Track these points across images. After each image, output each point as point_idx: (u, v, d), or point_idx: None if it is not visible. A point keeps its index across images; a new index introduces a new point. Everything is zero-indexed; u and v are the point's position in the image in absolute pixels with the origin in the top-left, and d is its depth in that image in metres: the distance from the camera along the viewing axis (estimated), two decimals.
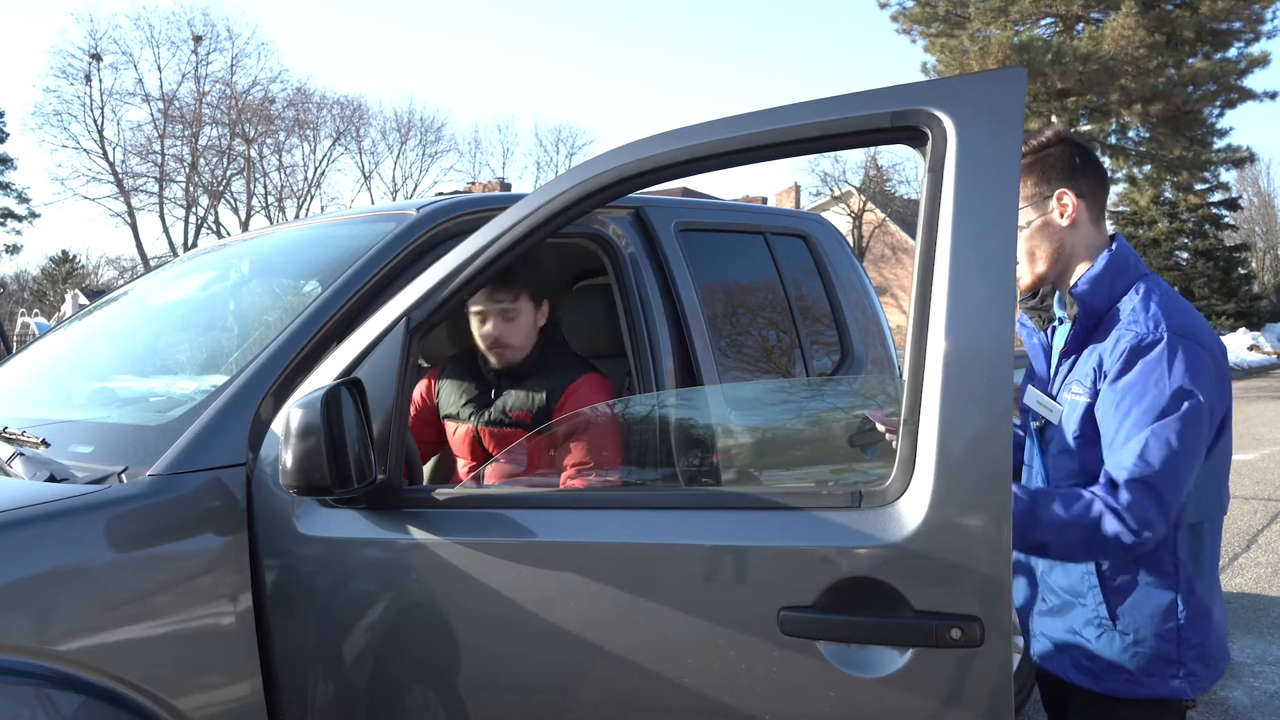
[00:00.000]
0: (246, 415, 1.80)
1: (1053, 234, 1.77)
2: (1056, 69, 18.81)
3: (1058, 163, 1.78)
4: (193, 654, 1.66)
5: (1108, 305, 1.72)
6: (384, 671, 1.67)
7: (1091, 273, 1.73)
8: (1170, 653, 1.67)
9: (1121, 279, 1.73)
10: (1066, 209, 1.76)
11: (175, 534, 1.68)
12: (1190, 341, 1.62)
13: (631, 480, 2.21)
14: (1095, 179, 1.80)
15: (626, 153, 1.61)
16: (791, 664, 1.35)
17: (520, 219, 1.64)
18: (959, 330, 1.30)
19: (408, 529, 1.62)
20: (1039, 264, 1.79)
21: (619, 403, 2.55)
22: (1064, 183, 1.77)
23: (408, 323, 1.67)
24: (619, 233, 2.56)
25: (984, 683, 1.27)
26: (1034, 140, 1.81)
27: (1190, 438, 1.57)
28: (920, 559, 1.29)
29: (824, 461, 2.26)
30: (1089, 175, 1.79)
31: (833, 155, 37.67)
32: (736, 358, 2.84)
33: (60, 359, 2.67)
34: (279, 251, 2.68)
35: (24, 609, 1.52)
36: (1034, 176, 1.78)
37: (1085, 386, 1.69)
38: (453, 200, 2.31)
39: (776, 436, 2.40)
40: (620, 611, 1.47)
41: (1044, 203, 1.78)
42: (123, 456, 1.78)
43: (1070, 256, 1.78)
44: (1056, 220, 1.77)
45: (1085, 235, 1.78)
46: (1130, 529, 1.54)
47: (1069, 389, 1.74)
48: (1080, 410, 1.69)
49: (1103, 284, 1.72)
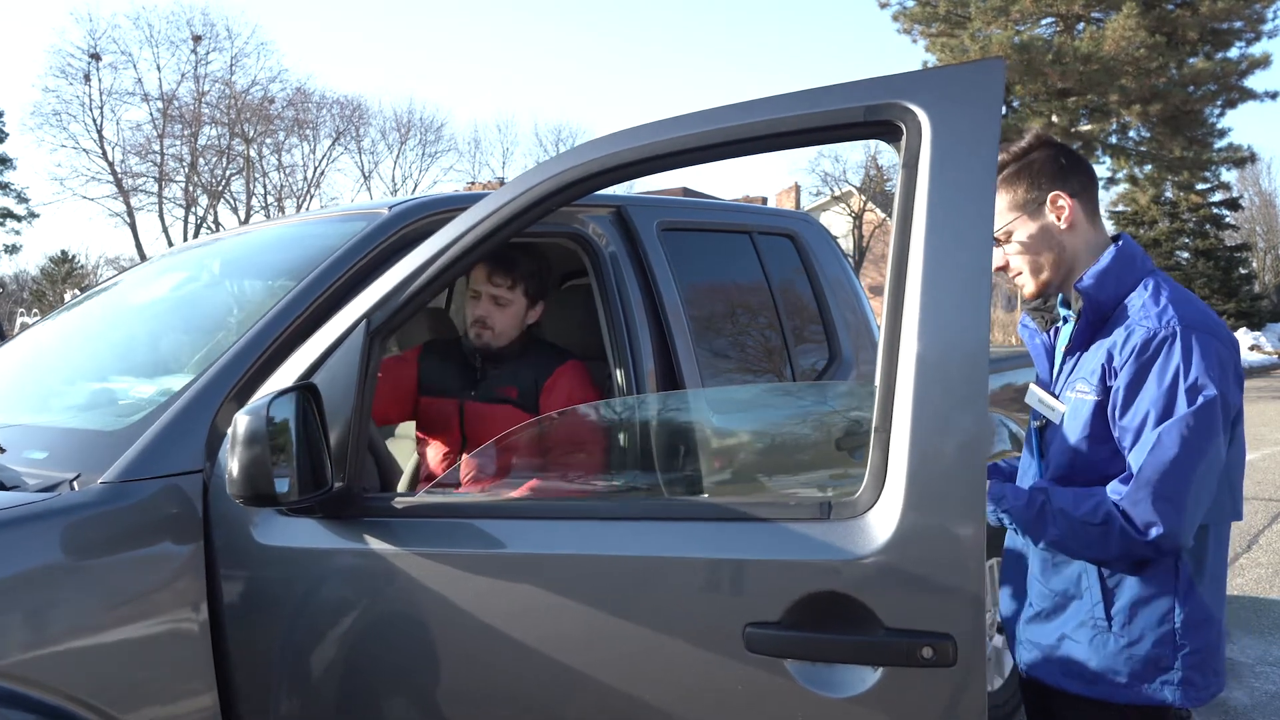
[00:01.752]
0: (204, 420, 1.74)
1: (1052, 239, 1.73)
2: (1057, 69, 18.77)
3: (1045, 166, 1.74)
4: (146, 668, 1.61)
5: (1114, 301, 1.67)
6: (345, 686, 1.62)
7: (1097, 267, 1.68)
8: (1165, 658, 1.62)
9: (1129, 274, 1.68)
10: (1063, 211, 1.72)
11: (128, 543, 1.62)
12: (1204, 334, 1.57)
13: (607, 486, 2.15)
14: (1084, 176, 1.76)
15: (597, 148, 1.56)
16: (757, 682, 1.29)
17: (483, 218, 1.59)
18: (933, 333, 1.24)
19: (365, 539, 1.56)
20: (1043, 272, 1.75)
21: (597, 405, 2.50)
22: (1055, 185, 1.72)
23: (368, 325, 1.62)
24: (599, 232, 2.51)
25: (957, 703, 1.22)
26: (1015, 147, 1.77)
27: (1206, 434, 1.52)
28: (891, 573, 1.23)
29: (810, 468, 2.20)
30: (1078, 174, 1.75)
31: (833, 155, 37.59)
32: (720, 360, 2.78)
33: (24, 362, 2.61)
34: (250, 251, 2.63)
35: None
36: (1024, 184, 1.74)
37: (1092, 384, 1.64)
38: (425, 199, 2.26)
39: (760, 441, 2.34)
40: (581, 626, 1.41)
41: (1038, 209, 1.73)
42: (77, 463, 1.73)
43: (1074, 259, 1.74)
44: (1054, 224, 1.73)
45: (1084, 235, 1.74)
46: (1138, 530, 1.51)
47: (1073, 387, 1.69)
48: (1087, 409, 1.65)
49: (1109, 279, 1.67)
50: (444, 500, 1.68)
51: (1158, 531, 1.51)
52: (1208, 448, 1.53)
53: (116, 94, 37.50)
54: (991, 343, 1.79)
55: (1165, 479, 1.51)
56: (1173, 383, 1.54)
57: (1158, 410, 1.54)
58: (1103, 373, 1.63)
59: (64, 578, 1.56)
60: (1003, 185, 1.76)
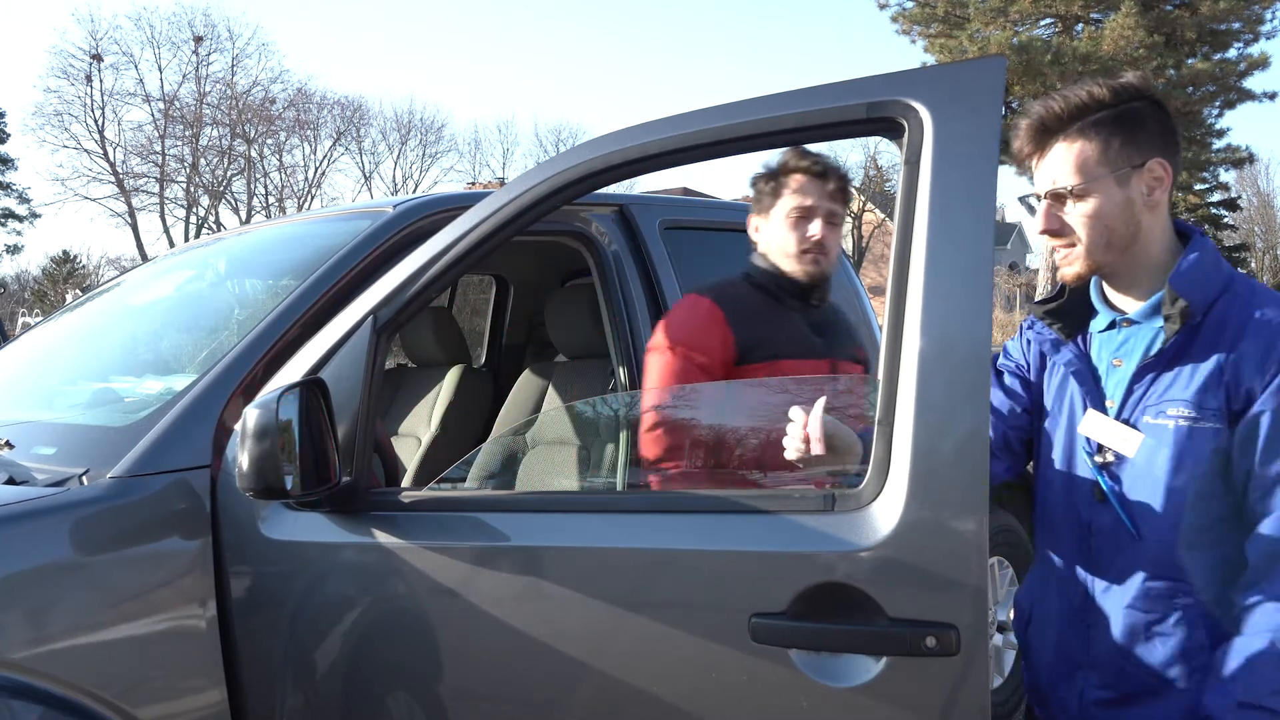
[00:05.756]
0: (212, 416, 1.76)
1: (1133, 214, 1.42)
2: (1056, 69, 18.77)
3: (1150, 124, 1.43)
4: (156, 662, 1.62)
5: (1205, 305, 1.39)
6: (353, 679, 1.63)
7: (1190, 259, 1.40)
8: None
9: (1216, 274, 1.41)
10: (1158, 185, 1.42)
11: (137, 538, 1.64)
12: None
13: (611, 481, 2.17)
14: (1178, 148, 1.47)
15: (598, 146, 1.57)
16: (762, 672, 1.30)
17: (487, 216, 1.60)
18: (935, 327, 1.26)
19: (373, 533, 1.58)
20: (1107, 250, 1.43)
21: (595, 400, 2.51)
22: (1157, 150, 1.42)
23: (374, 321, 1.63)
24: (602, 230, 2.52)
25: (960, 693, 1.23)
26: (1110, 85, 1.43)
27: None
28: (894, 564, 1.24)
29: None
30: (1178, 142, 1.47)
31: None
32: None
33: (33, 359, 2.63)
34: (255, 250, 2.64)
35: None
36: (1119, 138, 1.41)
37: (1207, 409, 1.35)
38: (429, 198, 2.27)
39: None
40: (588, 618, 1.43)
41: (1130, 174, 1.41)
42: (85, 458, 1.74)
43: (1145, 245, 1.44)
44: (1140, 196, 1.42)
45: (1162, 220, 1.46)
46: None
47: (1158, 412, 1.40)
48: (1202, 439, 1.36)
49: (1203, 276, 1.40)
50: (450, 494, 1.69)
51: None
52: None
53: (118, 95, 37.44)
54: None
55: None
56: None
57: None
58: (1228, 393, 1.34)
59: (73, 572, 1.57)
60: (1089, 132, 1.42)
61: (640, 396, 2.13)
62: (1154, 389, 1.42)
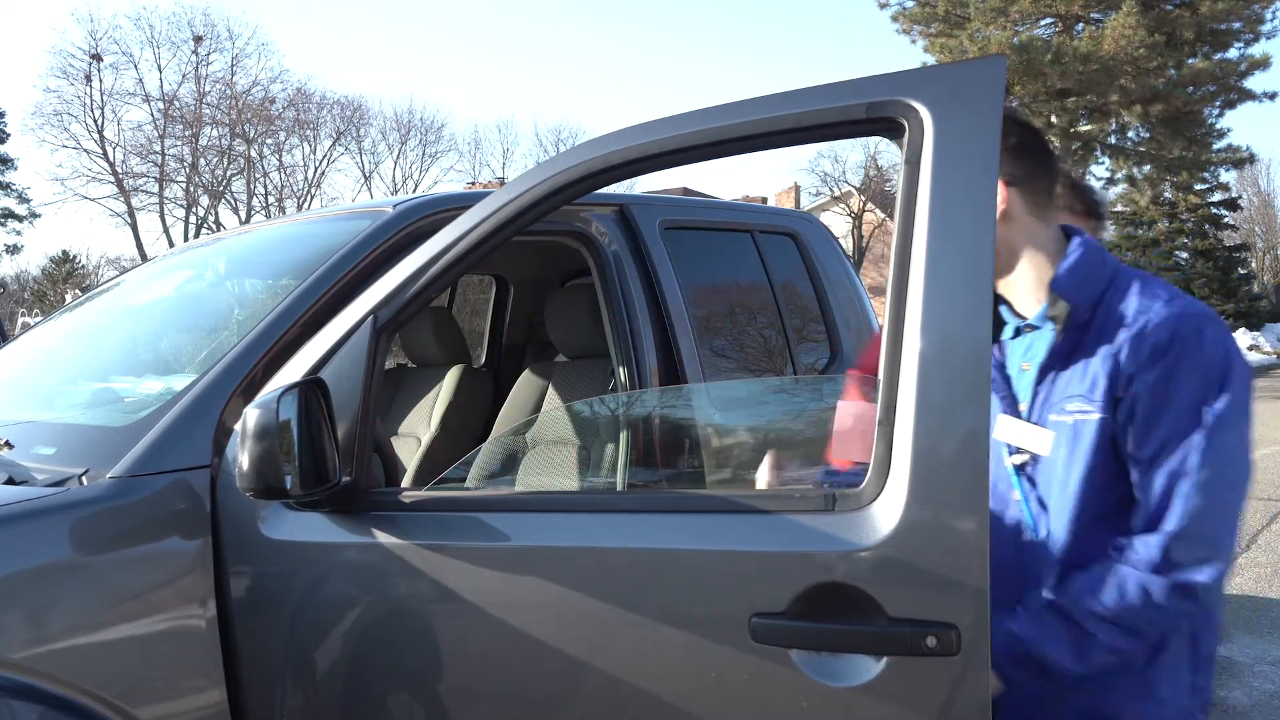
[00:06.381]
0: (212, 416, 1.76)
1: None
2: (1056, 69, 18.78)
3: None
4: (156, 662, 1.62)
5: (1091, 303, 1.46)
6: (352, 680, 1.63)
7: (1068, 263, 1.48)
8: (1193, 708, 1.47)
9: (1100, 270, 1.48)
10: (1003, 202, 1.51)
11: (136, 538, 1.64)
12: (1218, 324, 1.40)
13: (611, 480, 2.17)
14: (1031, 163, 1.53)
15: (598, 146, 1.57)
16: (763, 672, 1.30)
17: (487, 216, 1.60)
18: (935, 328, 1.26)
19: (373, 533, 1.58)
20: None
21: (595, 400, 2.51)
22: (1003, 172, 1.49)
23: (374, 321, 1.63)
24: (602, 230, 2.52)
25: (961, 693, 1.23)
26: None
27: (1249, 445, 1.35)
28: (895, 564, 1.24)
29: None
30: (1024, 159, 1.53)
31: (833, 155, 37.51)
32: (722, 358, 2.80)
33: (33, 359, 2.62)
34: (255, 250, 2.64)
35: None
36: None
37: (1096, 401, 1.41)
38: (429, 198, 2.27)
39: (762, 437, 2.36)
40: (588, 618, 1.42)
41: None
42: (85, 458, 1.74)
43: (1022, 256, 1.52)
44: None
45: (1026, 230, 1.52)
46: (1186, 588, 1.32)
47: (1060, 409, 1.46)
48: (1091, 431, 1.42)
49: (1082, 275, 1.48)
50: (450, 494, 1.69)
51: (1211, 575, 1.31)
52: (1250, 462, 1.35)
53: (118, 94, 37.45)
54: None
55: (1216, 510, 1.33)
56: (1214, 383, 1.35)
57: (1199, 418, 1.34)
58: (1110, 384, 1.40)
59: (73, 572, 1.57)
60: None
61: None
62: (1055, 388, 1.49)
